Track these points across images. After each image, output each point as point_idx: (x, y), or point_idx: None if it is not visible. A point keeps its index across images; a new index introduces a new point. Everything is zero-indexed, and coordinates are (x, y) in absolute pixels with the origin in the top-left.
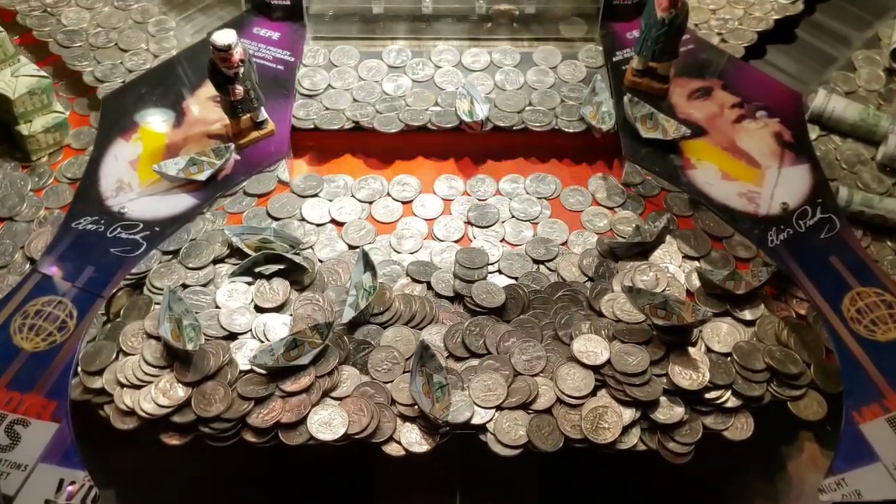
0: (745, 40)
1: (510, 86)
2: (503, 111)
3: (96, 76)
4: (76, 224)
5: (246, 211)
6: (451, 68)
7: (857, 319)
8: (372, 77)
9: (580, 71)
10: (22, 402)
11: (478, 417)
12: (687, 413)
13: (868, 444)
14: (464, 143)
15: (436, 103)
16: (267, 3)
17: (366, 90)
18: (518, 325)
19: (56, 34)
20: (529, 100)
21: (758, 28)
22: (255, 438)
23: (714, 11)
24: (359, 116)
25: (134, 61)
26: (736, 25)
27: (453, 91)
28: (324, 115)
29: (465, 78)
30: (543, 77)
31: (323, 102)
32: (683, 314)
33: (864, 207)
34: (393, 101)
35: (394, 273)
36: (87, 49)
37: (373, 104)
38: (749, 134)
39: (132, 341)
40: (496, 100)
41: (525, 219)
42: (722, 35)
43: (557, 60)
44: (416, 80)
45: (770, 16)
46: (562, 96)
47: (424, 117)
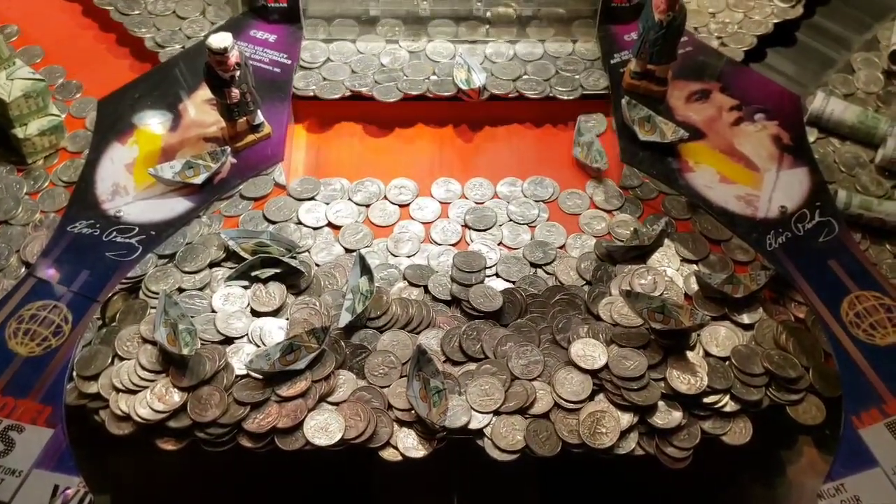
0: (745, 44)
1: (502, 59)
2: (499, 79)
3: (157, 42)
4: (72, 228)
5: (242, 214)
6: (446, 42)
7: (855, 324)
8: (370, 51)
9: (568, 47)
10: (16, 407)
11: (475, 422)
12: (685, 418)
13: (867, 449)
14: (461, 112)
15: (433, 73)
16: (264, 6)
17: (364, 62)
18: (515, 330)
19: (117, 2)
20: (524, 69)
21: (757, 32)
22: (251, 444)
23: (713, 15)
24: (357, 86)
25: (192, 28)
26: (735, 29)
27: (450, 62)
28: (323, 84)
29: (460, 48)
30: (533, 49)
31: (322, 73)
32: (681, 318)
33: (862, 210)
34: (391, 71)
35: (391, 277)
36: (147, 16)
37: (371, 75)
38: (747, 137)
39: (128, 346)
40: (491, 69)
41: (523, 222)
42: (721, 39)
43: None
44: (411, 51)
45: (770, 19)
46: (557, 67)
47: (423, 86)
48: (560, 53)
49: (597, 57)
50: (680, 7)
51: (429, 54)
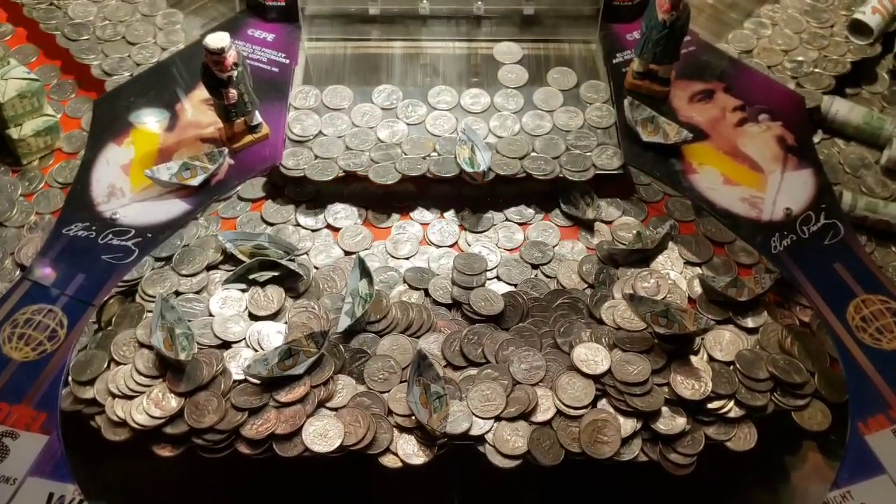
0: (823, 86)
1: (507, 132)
2: (504, 157)
3: (104, 69)
4: (67, 230)
5: (240, 216)
6: (448, 112)
7: (862, 328)
8: (366, 123)
9: (578, 118)
10: (11, 413)
11: (476, 428)
12: (689, 423)
13: (874, 456)
14: (464, 190)
15: (434, 149)
16: (261, 4)
17: (360, 137)
18: (517, 334)
19: (63, 27)
20: (532, 146)
21: (835, 72)
22: (248, 450)
23: (786, 52)
24: (352, 166)
25: (142, 55)
26: (811, 69)
27: (451, 136)
28: (314, 164)
29: (462, 121)
30: (541, 121)
31: (314, 150)
32: (685, 323)
33: (868, 212)
34: (388, 148)
35: (391, 280)
36: (95, 42)
37: (367, 151)
38: (751, 138)
39: (124, 350)
40: (496, 145)
41: (519, 221)
42: (797, 79)
43: (558, 104)
44: (410, 123)
45: (847, 58)
46: (567, 143)
47: (423, 166)
48: (570, 127)
49: (610, 125)
50: (684, 6)
51: (429, 127)
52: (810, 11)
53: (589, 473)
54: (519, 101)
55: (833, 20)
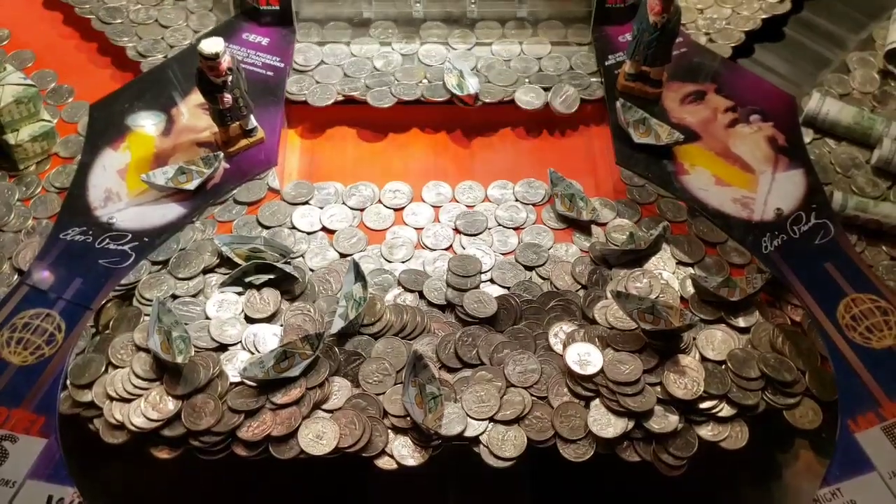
0: (733, 40)
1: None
2: (495, 85)
3: (139, 51)
4: (64, 235)
5: (236, 220)
6: (438, 45)
7: (852, 327)
8: (363, 54)
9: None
10: (9, 417)
11: (471, 429)
12: (681, 422)
13: (863, 453)
14: (456, 116)
15: (425, 77)
16: (256, 9)
17: (357, 66)
18: (511, 336)
19: (98, 11)
20: (522, 77)
21: (745, 27)
22: (245, 452)
23: (702, 11)
24: (349, 90)
25: (175, 37)
26: (724, 25)
27: (442, 66)
28: (315, 89)
29: (450, 53)
30: (528, 64)
31: (315, 77)
32: (671, 319)
33: (858, 212)
34: (383, 75)
35: (385, 282)
36: (129, 25)
37: (363, 79)
38: (743, 138)
39: (121, 354)
40: (487, 75)
41: (511, 226)
42: (710, 35)
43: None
44: (404, 54)
45: (758, 15)
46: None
47: (416, 91)
48: (560, 70)
49: (594, 70)
50: (675, 9)
51: (421, 58)
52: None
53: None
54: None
55: None
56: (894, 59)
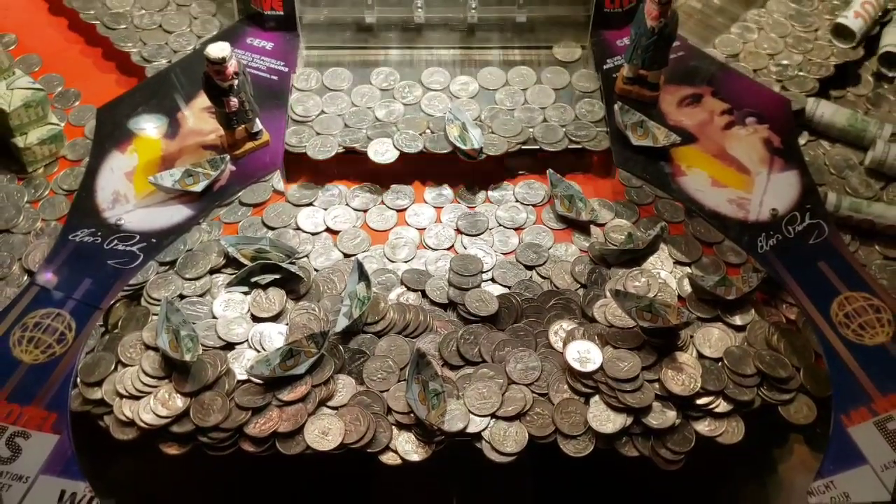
0: (807, 89)
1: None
2: (499, 136)
3: (144, 56)
4: (73, 236)
5: (241, 221)
6: (441, 93)
7: (845, 324)
8: (365, 103)
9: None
10: (22, 414)
11: (473, 425)
12: (679, 418)
13: (856, 447)
14: (461, 169)
15: (428, 127)
16: (260, 14)
17: (358, 116)
18: (513, 334)
19: (102, 17)
20: (528, 128)
21: (819, 74)
22: (252, 448)
23: (772, 56)
24: (350, 142)
25: (179, 42)
26: (796, 72)
27: (443, 117)
28: (315, 141)
29: (451, 104)
30: (532, 115)
31: (315, 128)
32: (669, 317)
33: (852, 212)
34: (385, 126)
35: (388, 282)
36: (133, 31)
37: (365, 130)
38: (739, 140)
39: (130, 352)
40: (490, 124)
41: (511, 226)
42: (782, 82)
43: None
44: (406, 104)
45: (830, 61)
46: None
47: (419, 143)
48: (565, 120)
49: (600, 118)
50: (672, 14)
51: (424, 107)
52: (795, 16)
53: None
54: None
55: (817, 24)
56: (888, 62)
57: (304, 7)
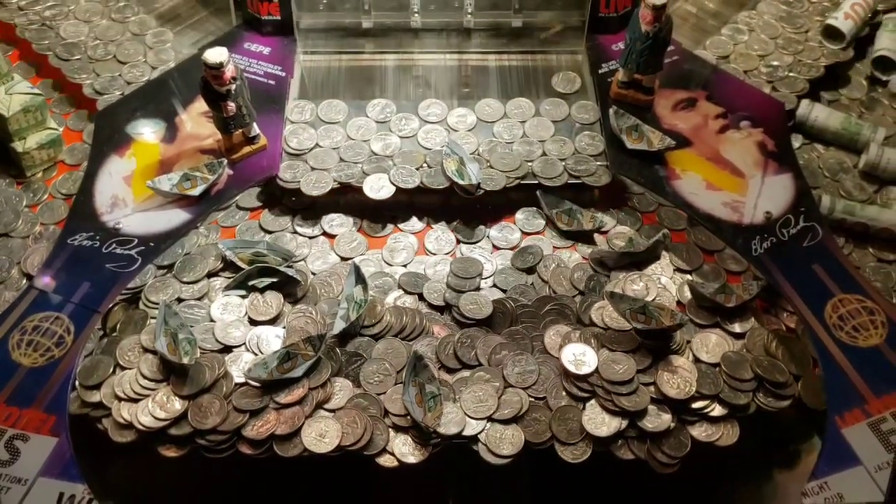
0: (798, 90)
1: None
2: (497, 171)
3: (96, 89)
4: (71, 240)
5: (239, 225)
6: (438, 126)
7: (839, 326)
8: (361, 136)
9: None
10: (21, 417)
11: (469, 428)
12: (674, 421)
13: (850, 448)
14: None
15: (425, 161)
16: (257, 19)
17: (353, 150)
18: (509, 337)
19: (55, 47)
20: (527, 163)
21: (809, 75)
22: (250, 450)
23: (762, 58)
24: (345, 177)
25: (133, 73)
26: (786, 73)
27: (440, 150)
28: (310, 176)
29: (448, 137)
30: (531, 147)
31: (309, 162)
32: (662, 319)
33: (846, 215)
34: (381, 160)
35: (385, 285)
36: (86, 62)
37: (361, 165)
38: (733, 144)
39: (129, 355)
40: (489, 158)
41: (506, 246)
42: (773, 83)
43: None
44: (402, 136)
45: (820, 62)
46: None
47: (415, 178)
48: (564, 154)
49: (600, 151)
50: (666, 18)
51: (421, 140)
52: (785, 17)
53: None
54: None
55: (807, 26)
56: (881, 65)
57: (301, 12)
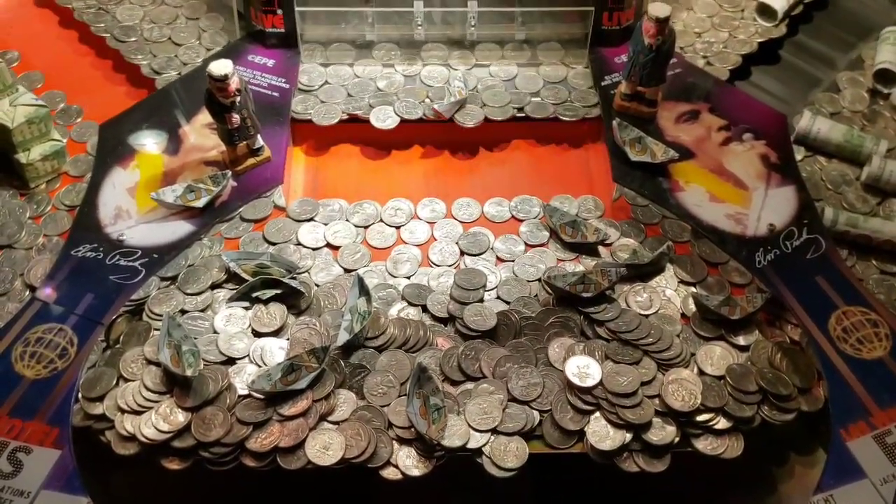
0: (730, 63)
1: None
2: (493, 107)
3: (153, 68)
4: (75, 252)
5: (243, 236)
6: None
7: (843, 338)
8: (367, 75)
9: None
10: (24, 429)
11: (474, 441)
12: (678, 434)
13: (855, 461)
14: (457, 135)
15: (427, 96)
16: (261, 31)
17: (360, 86)
18: (513, 349)
19: (112, 30)
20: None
21: (742, 51)
22: (253, 463)
23: (699, 35)
24: (353, 109)
25: (188, 55)
26: (721, 49)
27: (443, 86)
28: (320, 108)
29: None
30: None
31: (319, 96)
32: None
33: (849, 227)
34: (386, 95)
35: (389, 297)
36: (143, 43)
37: (367, 98)
38: (736, 156)
39: (132, 367)
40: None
41: (509, 258)
42: (707, 58)
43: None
44: (406, 75)
45: (754, 39)
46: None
47: (419, 110)
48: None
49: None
50: (669, 31)
51: (423, 78)
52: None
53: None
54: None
55: (743, 5)
56: (882, 78)
57: (305, 24)
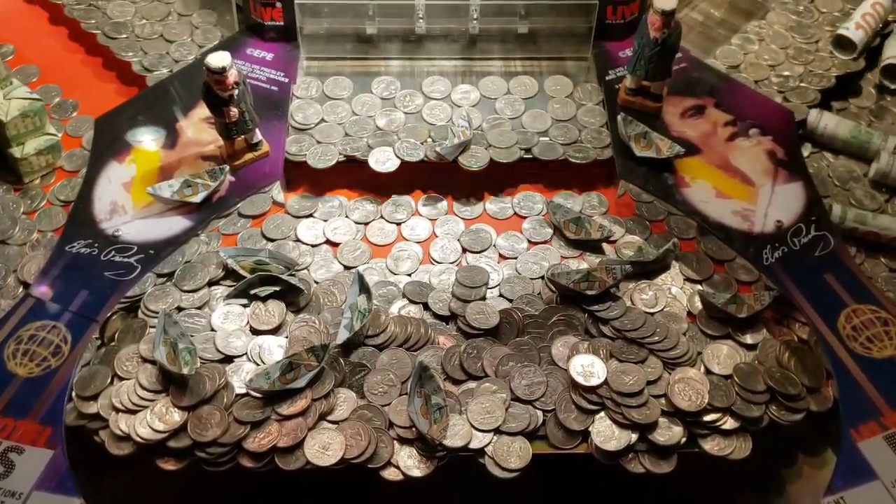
0: (809, 100)
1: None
2: (499, 148)
3: (144, 65)
4: (69, 247)
5: (241, 232)
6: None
7: (853, 337)
8: (366, 112)
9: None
10: (16, 428)
11: (476, 441)
12: (685, 434)
13: (866, 463)
14: (461, 178)
15: (429, 136)
16: (260, 24)
17: (359, 124)
18: (516, 348)
19: (103, 26)
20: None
21: (820, 86)
22: (251, 463)
23: (773, 68)
24: (350, 150)
25: (180, 52)
26: (797, 83)
27: (446, 125)
28: (316, 149)
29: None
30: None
31: (315, 136)
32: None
33: (857, 224)
34: (385, 135)
35: (390, 294)
36: (134, 40)
37: (365, 138)
38: (742, 152)
39: (127, 365)
40: (487, 134)
41: (511, 255)
42: (784, 93)
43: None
44: (407, 112)
45: (831, 73)
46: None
47: (420, 152)
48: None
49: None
50: (675, 24)
51: (425, 116)
52: (796, 27)
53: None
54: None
55: (818, 36)
56: (890, 74)
57: (304, 18)
